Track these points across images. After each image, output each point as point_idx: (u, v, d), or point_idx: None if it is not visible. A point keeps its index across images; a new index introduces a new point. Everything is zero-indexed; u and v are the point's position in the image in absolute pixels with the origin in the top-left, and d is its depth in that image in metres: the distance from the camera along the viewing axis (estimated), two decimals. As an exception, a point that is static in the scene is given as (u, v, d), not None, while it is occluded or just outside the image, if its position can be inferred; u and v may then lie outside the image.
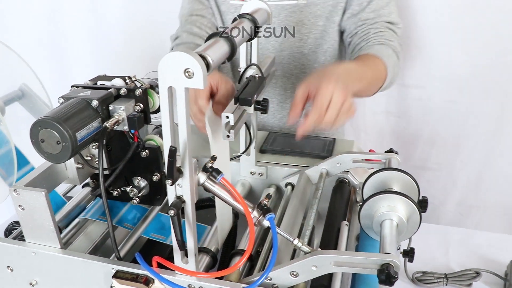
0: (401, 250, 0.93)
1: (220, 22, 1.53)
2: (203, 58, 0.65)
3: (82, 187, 1.03)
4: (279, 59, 1.52)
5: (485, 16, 1.69)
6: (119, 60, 2.18)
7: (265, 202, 0.80)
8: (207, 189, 0.78)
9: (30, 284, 0.89)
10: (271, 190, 1.11)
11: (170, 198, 0.74)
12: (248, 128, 1.04)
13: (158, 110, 0.87)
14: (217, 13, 1.52)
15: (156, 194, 0.93)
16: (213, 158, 0.77)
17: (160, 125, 0.71)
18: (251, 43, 0.97)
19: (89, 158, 0.89)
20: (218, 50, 0.72)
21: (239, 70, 0.98)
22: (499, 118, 1.86)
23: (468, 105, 1.87)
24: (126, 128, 0.84)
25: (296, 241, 0.79)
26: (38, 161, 0.93)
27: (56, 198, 1.02)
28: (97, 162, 0.83)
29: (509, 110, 1.84)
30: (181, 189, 0.73)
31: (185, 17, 1.53)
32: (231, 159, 1.03)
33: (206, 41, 0.73)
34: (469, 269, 1.15)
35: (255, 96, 0.86)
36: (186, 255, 0.79)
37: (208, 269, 0.89)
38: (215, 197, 0.81)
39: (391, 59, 1.35)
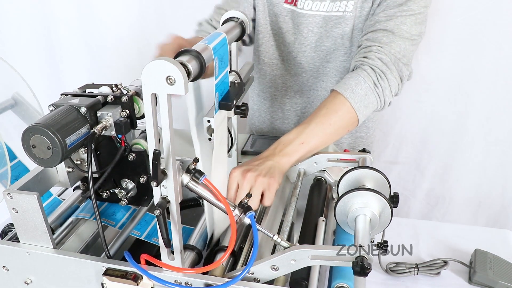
0: (376, 242, 0.92)
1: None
2: (184, 66, 0.64)
3: (73, 189, 1.01)
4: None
5: (448, 24, 1.71)
6: (111, 67, 2.16)
7: (246, 200, 0.80)
8: (191, 189, 0.77)
9: (25, 283, 0.88)
10: (253, 189, 1.10)
11: (156, 198, 0.73)
12: (229, 131, 1.03)
13: (144, 116, 0.86)
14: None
15: (143, 195, 0.91)
16: (196, 160, 0.76)
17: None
18: (230, 51, 0.96)
19: (79, 162, 0.87)
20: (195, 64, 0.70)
21: None
22: (461, 116, 1.89)
23: (433, 104, 1.91)
24: (113, 133, 0.83)
25: (275, 237, 0.78)
26: (31, 166, 0.92)
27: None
28: (86, 166, 0.82)
29: (470, 109, 1.88)
30: (166, 190, 0.72)
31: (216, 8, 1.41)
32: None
33: (176, 57, 0.69)
34: (438, 259, 1.15)
35: (235, 101, 0.85)
36: (172, 252, 0.78)
37: (194, 265, 0.88)
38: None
39: (358, 90, 1.09)
